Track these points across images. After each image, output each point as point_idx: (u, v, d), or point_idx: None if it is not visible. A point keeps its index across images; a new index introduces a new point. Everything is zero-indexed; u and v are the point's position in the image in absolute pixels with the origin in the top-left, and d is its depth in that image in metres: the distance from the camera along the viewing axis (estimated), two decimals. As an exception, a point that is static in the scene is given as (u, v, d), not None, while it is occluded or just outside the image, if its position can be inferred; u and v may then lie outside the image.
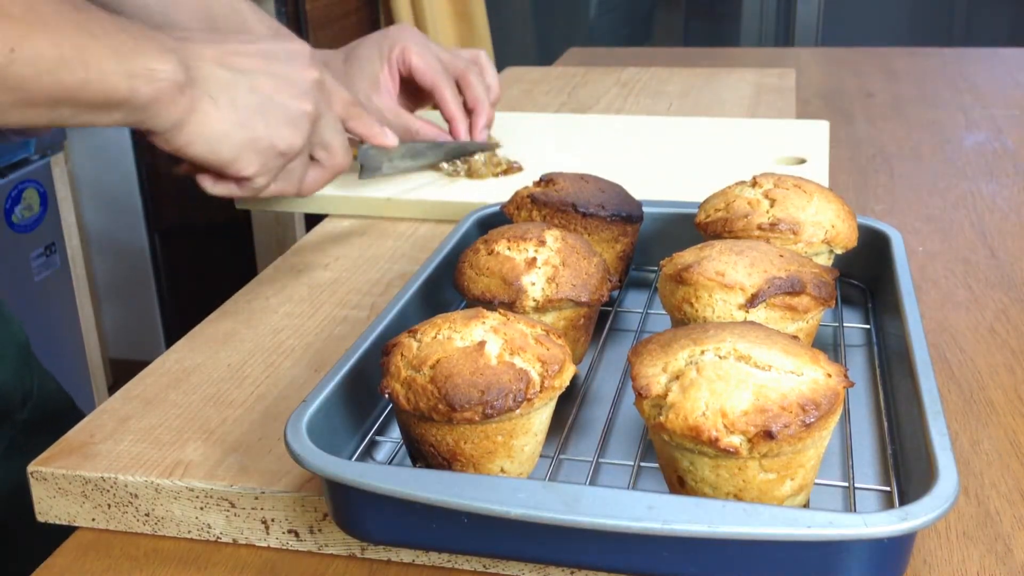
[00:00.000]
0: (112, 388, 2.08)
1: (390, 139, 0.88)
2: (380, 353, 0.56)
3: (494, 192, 0.98)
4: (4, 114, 0.59)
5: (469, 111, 1.05)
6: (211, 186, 0.72)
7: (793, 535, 0.44)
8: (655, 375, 0.51)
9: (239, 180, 0.72)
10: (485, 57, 1.08)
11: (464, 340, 0.53)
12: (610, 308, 0.75)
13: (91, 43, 0.60)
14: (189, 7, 0.90)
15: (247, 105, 0.68)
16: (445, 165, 1.03)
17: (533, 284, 0.62)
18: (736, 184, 0.73)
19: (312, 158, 0.76)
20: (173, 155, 0.69)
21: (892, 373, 0.64)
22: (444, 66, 1.03)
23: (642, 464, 0.57)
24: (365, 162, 0.98)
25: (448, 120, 1.03)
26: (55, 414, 0.90)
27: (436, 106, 1.05)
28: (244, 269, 2.29)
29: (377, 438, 0.60)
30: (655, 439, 0.51)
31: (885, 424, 0.60)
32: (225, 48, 0.69)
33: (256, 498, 0.57)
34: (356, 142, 0.91)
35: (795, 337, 0.53)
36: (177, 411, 0.66)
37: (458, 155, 1.04)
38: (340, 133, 0.78)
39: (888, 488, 0.55)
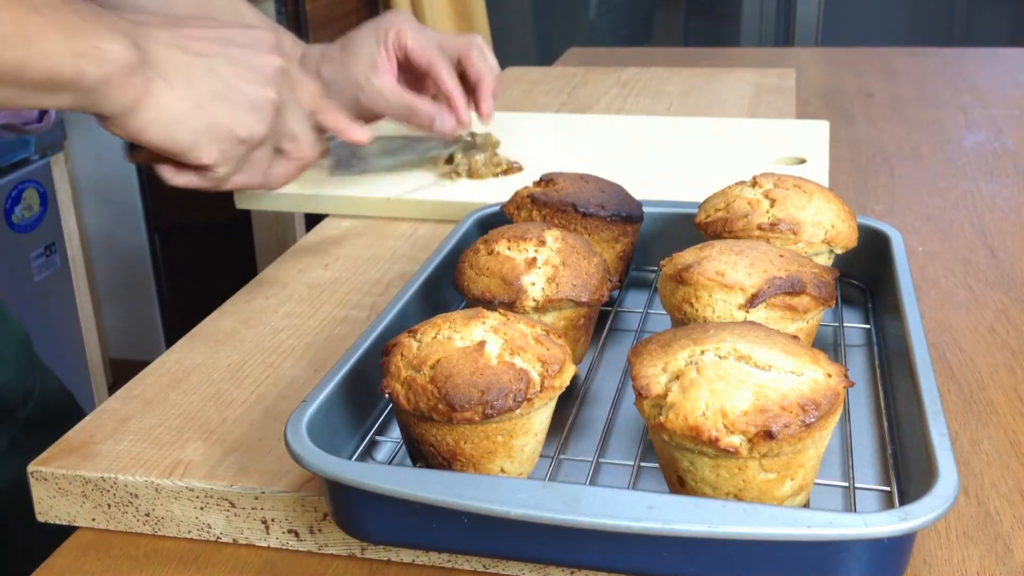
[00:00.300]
0: (112, 388, 2.08)
1: (361, 134, 0.84)
2: (380, 353, 0.56)
3: (494, 192, 0.98)
4: None
5: (473, 86, 1.02)
6: (171, 176, 0.69)
7: (793, 535, 0.44)
8: (655, 375, 0.51)
9: (200, 169, 0.69)
10: (483, 41, 1.06)
11: (464, 340, 0.53)
12: (610, 308, 0.75)
13: (34, 18, 0.57)
14: (187, 4, 0.90)
15: (204, 89, 0.66)
16: (445, 166, 1.03)
17: (533, 284, 0.62)
18: (736, 184, 0.73)
19: (278, 150, 0.74)
20: (129, 142, 0.66)
21: (892, 373, 0.64)
22: (440, 46, 1.01)
23: (642, 464, 0.57)
24: (338, 158, 0.96)
25: (446, 96, 0.99)
26: (57, 413, 0.90)
27: (438, 97, 1.04)
28: (244, 269, 2.29)
29: (377, 438, 0.60)
30: (655, 439, 0.51)
31: (885, 424, 0.60)
32: (182, 31, 0.66)
33: (256, 498, 0.57)
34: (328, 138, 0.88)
35: (795, 337, 0.53)
36: (177, 411, 0.66)
37: (438, 151, 1.02)
38: (306, 124, 0.75)
39: (888, 488, 0.55)
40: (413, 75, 1.02)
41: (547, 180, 0.76)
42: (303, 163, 0.75)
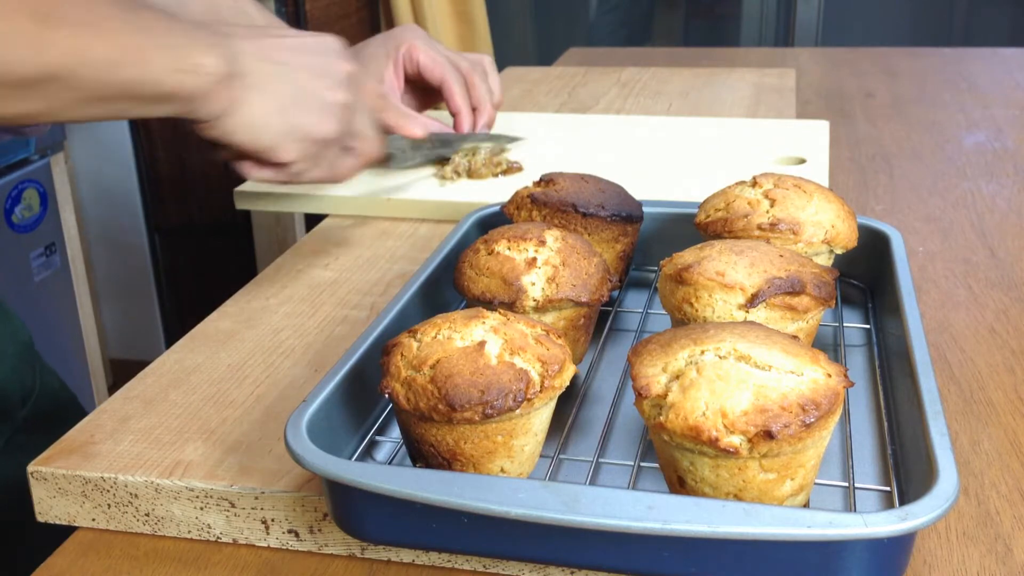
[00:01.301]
0: (112, 388, 2.08)
1: (418, 129, 0.92)
2: (380, 353, 0.56)
3: (494, 192, 0.98)
4: (69, 111, 0.63)
5: (472, 110, 1.05)
6: (253, 172, 0.75)
7: (793, 535, 0.44)
8: (655, 375, 0.51)
9: (278, 166, 0.75)
10: (490, 62, 1.10)
11: (464, 340, 0.53)
12: (610, 308, 0.75)
13: (146, 42, 0.64)
14: (198, 6, 0.91)
15: (286, 95, 0.72)
16: (446, 167, 1.03)
17: (533, 284, 0.62)
18: (736, 184, 0.73)
19: (346, 148, 0.79)
20: (215, 143, 0.72)
21: (892, 373, 0.64)
22: (451, 63, 1.04)
23: (642, 464, 0.57)
24: (394, 152, 1.00)
25: (454, 114, 1.04)
26: (57, 411, 0.90)
27: (439, 106, 1.06)
28: (244, 269, 2.29)
29: (377, 438, 0.60)
30: (655, 439, 0.51)
31: (885, 424, 0.60)
32: (264, 42, 0.73)
33: (256, 498, 0.57)
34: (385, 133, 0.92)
35: (795, 337, 0.53)
36: (177, 411, 0.66)
37: (475, 144, 1.05)
38: (371, 123, 0.81)
39: (888, 488, 0.55)
40: (422, 89, 1.05)
41: (547, 180, 0.76)
42: (368, 159, 0.81)
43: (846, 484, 0.54)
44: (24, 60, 0.58)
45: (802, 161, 1.05)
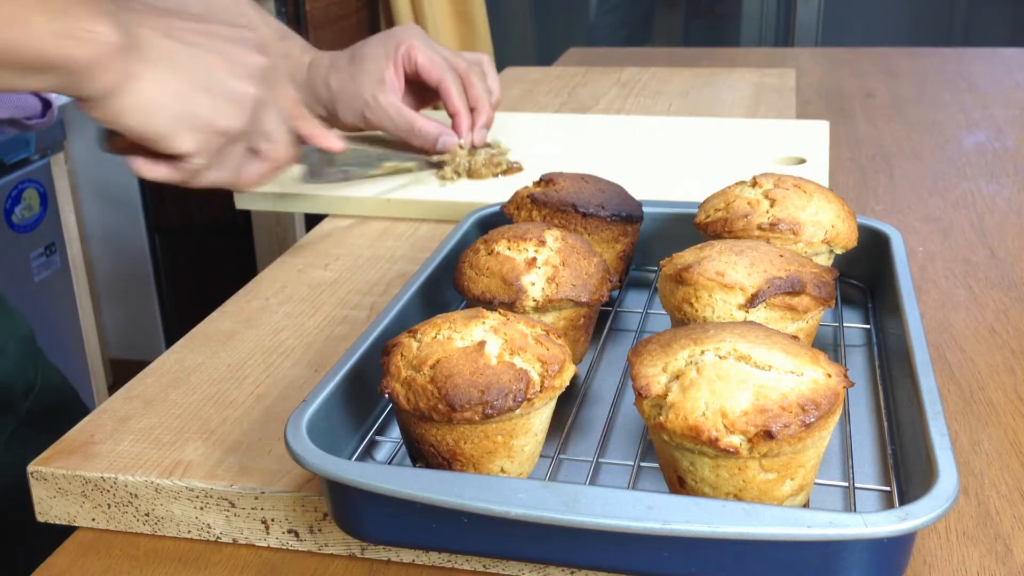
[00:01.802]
0: (112, 388, 2.08)
1: (335, 143, 0.84)
2: (380, 353, 0.56)
3: (494, 192, 0.98)
4: None
5: (470, 110, 1.05)
6: (145, 168, 0.69)
7: (793, 535, 0.44)
8: (655, 375, 0.51)
9: (174, 160, 0.69)
10: (488, 61, 1.09)
11: (464, 340, 0.53)
12: (610, 308, 0.75)
13: (29, 1, 0.57)
14: (195, 7, 0.90)
15: (188, 78, 0.66)
16: (446, 167, 1.03)
17: (533, 284, 0.62)
18: (736, 184, 0.73)
19: (252, 150, 0.74)
20: (107, 128, 0.66)
21: (892, 373, 0.64)
22: (449, 64, 1.03)
23: (642, 464, 0.57)
24: (309, 165, 0.97)
25: (452, 115, 1.03)
26: (59, 407, 0.90)
27: (438, 106, 1.05)
28: (244, 269, 2.29)
29: (377, 438, 0.60)
30: (655, 439, 0.51)
31: (885, 424, 0.60)
32: (172, 21, 0.67)
33: (256, 498, 0.57)
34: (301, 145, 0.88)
35: (795, 337, 0.53)
36: (177, 411, 0.66)
37: (414, 160, 1.04)
38: (284, 126, 0.75)
39: (888, 488, 0.55)
40: (421, 88, 1.04)
41: (547, 180, 0.76)
42: (276, 165, 0.75)
43: (846, 484, 0.54)
44: None
45: (802, 161, 1.05)
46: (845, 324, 0.72)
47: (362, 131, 1.08)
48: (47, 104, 0.83)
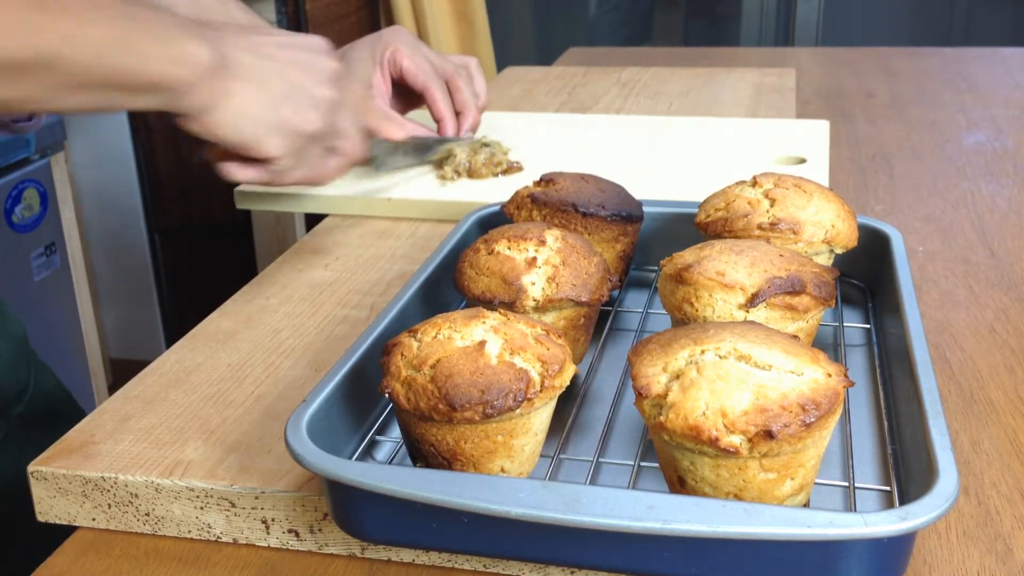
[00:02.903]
0: (112, 388, 2.08)
1: (399, 132, 0.91)
2: (380, 353, 0.56)
3: (494, 192, 0.98)
4: (59, 98, 0.63)
5: (456, 114, 1.06)
6: (237, 172, 0.75)
7: (793, 535, 0.44)
8: (655, 375, 0.51)
9: (264, 163, 0.75)
10: (476, 64, 1.10)
11: (464, 340, 0.53)
12: (610, 308, 0.75)
13: (137, 30, 0.63)
14: (184, 7, 0.91)
15: (274, 89, 0.72)
16: (446, 167, 1.03)
17: (533, 284, 0.62)
18: (736, 184, 0.73)
19: (330, 148, 0.79)
20: (201, 138, 0.72)
21: (892, 373, 0.64)
22: (434, 68, 1.04)
23: (642, 464, 0.57)
24: (377, 155, 0.99)
25: (437, 120, 1.05)
26: (53, 409, 0.90)
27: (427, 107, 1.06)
28: (244, 269, 2.29)
29: (377, 438, 0.60)
30: (655, 439, 0.51)
31: (885, 424, 0.60)
32: (252, 38, 0.73)
33: (256, 498, 0.57)
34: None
35: (795, 337, 0.53)
36: (177, 411, 0.66)
37: (464, 141, 1.06)
38: (357, 123, 0.81)
39: (888, 488, 0.55)
40: (408, 92, 1.05)
41: (547, 180, 0.76)
42: (351, 159, 0.81)
43: (846, 484, 0.54)
44: (15, 43, 0.58)
45: (802, 161, 1.05)
46: (845, 324, 0.72)
47: None
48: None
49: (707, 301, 0.60)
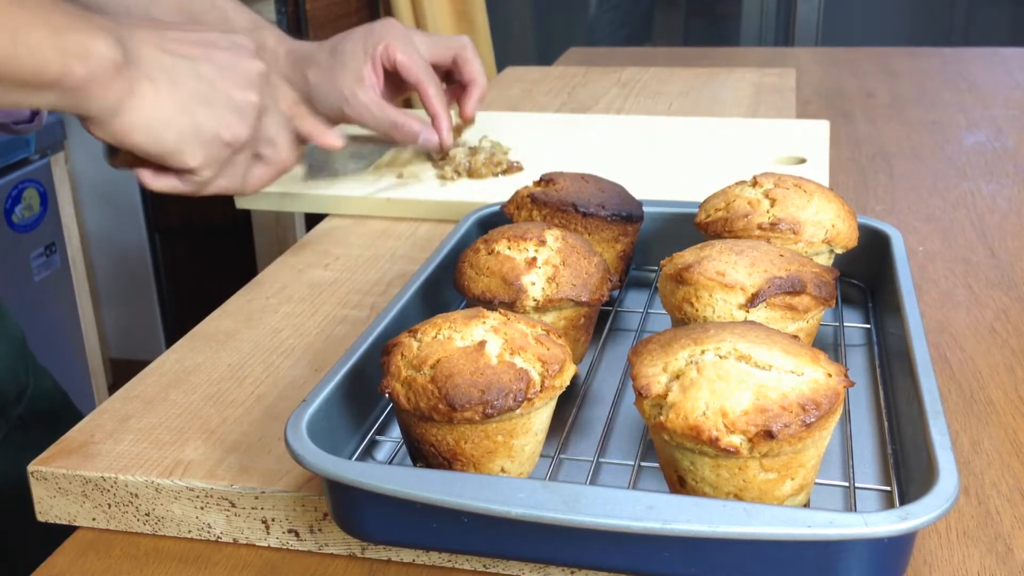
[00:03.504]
0: (112, 388, 2.08)
1: (335, 140, 0.84)
2: (380, 353, 0.56)
3: (494, 192, 0.98)
4: None
5: (465, 85, 1.05)
6: (151, 180, 0.69)
7: (793, 535, 0.44)
8: (655, 375, 0.51)
9: (181, 173, 0.69)
10: (472, 47, 1.08)
11: (464, 340, 0.53)
12: (610, 308, 0.75)
13: (21, 14, 0.57)
14: (168, 3, 0.90)
15: (190, 91, 0.65)
16: (446, 167, 1.03)
17: (533, 284, 0.62)
18: (736, 184, 0.73)
19: (256, 156, 0.74)
20: (111, 145, 0.66)
21: (892, 373, 0.64)
22: (429, 59, 1.03)
23: (642, 464, 0.57)
24: (312, 162, 0.98)
25: (432, 116, 1.03)
26: (51, 411, 0.90)
27: (416, 103, 1.05)
28: (244, 269, 2.29)
29: (377, 438, 0.60)
30: (655, 439, 0.51)
31: (885, 424, 0.60)
32: (166, 33, 0.66)
33: (256, 498, 0.57)
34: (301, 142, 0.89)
35: (795, 337, 0.53)
36: (177, 411, 0.66)
37: (405, 151, 1.04)
38: (286, 129, 0.75)
39: (888, 488, 0.55)
40: (398, 80, 1.04)
41: (547, 180, 0.76)
42: (280, 168, 0.75)
43: (846, 484, 0.54)
44: None
45: (802, 161, 1.05)
46: (845, 324, 0.72)
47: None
48: (34, 110, 0.83)
49: (707, 301, 0.60)
